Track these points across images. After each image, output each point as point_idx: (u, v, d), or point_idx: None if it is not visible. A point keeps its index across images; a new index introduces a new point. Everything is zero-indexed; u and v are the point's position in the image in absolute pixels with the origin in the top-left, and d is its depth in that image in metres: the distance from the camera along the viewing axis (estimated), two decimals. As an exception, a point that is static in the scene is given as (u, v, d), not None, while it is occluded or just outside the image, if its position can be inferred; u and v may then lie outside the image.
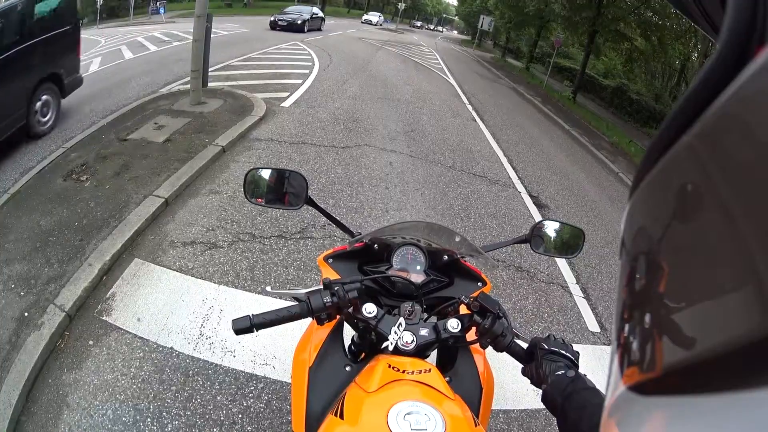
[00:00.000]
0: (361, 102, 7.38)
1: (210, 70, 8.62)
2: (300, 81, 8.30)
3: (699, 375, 0.20)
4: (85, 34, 20.29)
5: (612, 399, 0.29)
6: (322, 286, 0.88)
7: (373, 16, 38.97)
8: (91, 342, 2.35)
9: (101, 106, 6.58)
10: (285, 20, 18.22)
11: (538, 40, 25.78)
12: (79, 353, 2.29)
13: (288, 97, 7.00)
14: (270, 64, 9.92)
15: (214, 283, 2.70)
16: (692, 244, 0.22)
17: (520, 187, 5.35)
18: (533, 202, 5.02)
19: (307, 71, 9.47)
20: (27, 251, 3.06)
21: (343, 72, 9.95)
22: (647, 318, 0.25)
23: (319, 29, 20.65)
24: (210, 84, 6.96)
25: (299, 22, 18.29)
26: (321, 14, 22.01)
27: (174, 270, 2.82)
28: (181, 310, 2.51)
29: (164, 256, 2.95)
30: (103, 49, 15.93)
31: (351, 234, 1.18)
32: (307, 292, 0.88)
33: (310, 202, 1.18)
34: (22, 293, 2.66)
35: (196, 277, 2.74)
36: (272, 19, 18.68)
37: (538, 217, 4.62)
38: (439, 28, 66.49)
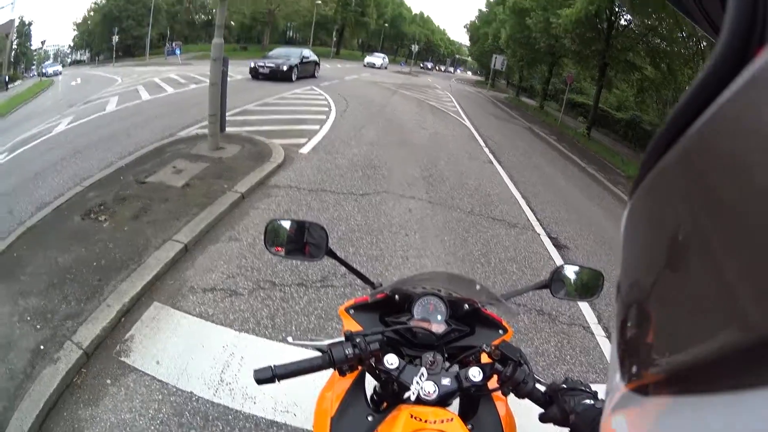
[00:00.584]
0: (379, 148, 7.90)
1: (227, 114, 9.31)
2: (317, 127, 8.92)
3: (699, 375, 0.21)
4: (101, 72, 21.91)
5: (612, 400, 0.31)
6: (343, 338, 0.95)
7: (377, 59, 37.92)
8: (108, 381, 2.56)
9: (119, 147, 7.16)
10: (268, 66, 16.43)
11: (551, 77, 27.59)
12: (96, 391, 2.50)
13: (306, 143, 7.54)
14: (287, 110, 10.68)
15: (235, 330, 2.92)
16: (691, 245, 0.23)
17: (539, 229, 5.62)
18: (553, 244, 5.26)
19: (324, 117, 10.14)
20: (44, 286, 3.34)
21: (359, 117, 10.67)
22: (647, 319, 0.27)
23: (313, 75, 19.18)
24: (228, 129, 7.54)
25: (285, 68, 16.50)
26: (314, 57, 19.95)
27: (194, 315, 3.06)
28: (201, 355, 2.72)
29: (184, 301, 3.19)
30: (120, 88, 17.24)
31: (372, 285, 1.27)
32: (329, 344, 0.94)
33: (331, 254, 1.26)
34: (38, 326, 2.89)
35: (216, 324, 2.97)
36: (252, 65, 16.86)
37: (557, 259, 4.85)
38: (451, 69, 69.21)
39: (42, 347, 2.70)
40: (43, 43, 45.50)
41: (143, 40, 46.53)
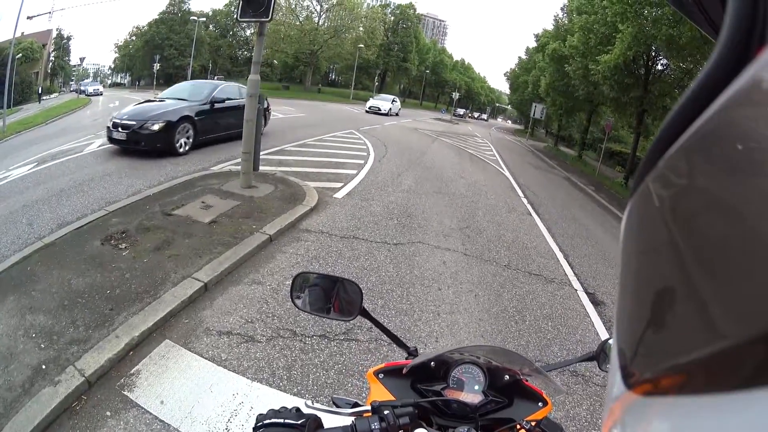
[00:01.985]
0: (416, 196, 8.37)
1: (263, 153, 9.88)
2: (354, 171, 9.47)
3: (699, 375, 0.23)
4: (140, 97, 23.25)
5: (612, 399, 0.33)
6: (369, 407, 0.95)
7: (383, 102, 33.03)
8: (108, 413, 2.72)
9: (150, 175, 7.71)
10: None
11: (589, 125, 29.90)
12: (95, 420, 2.66)
13: (341, 187, 8.00)
14: (325, 152, 11.28)
15: (247, 378, 3.05)
16: (690, 245, 0.25)
17: (576, 285, 5.75)
18: (590, 300, 5.37)
19: (362, 161, 10.76)
20: (53, 306, 3.62)
21: (398, 164, 11.41)
22: (647, 319, 0.29)
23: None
24: (262, 168, 8.02)
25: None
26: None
27: (205, 358, 3.22)
28: (209, 400, 2.86)
29: (197, 343, 3.37)
30: (156, 116, 18.38)
31: (407, 349, 1.29)
32: (352, 413, 0.95)
33: (365, 314, 1.27)
34: (42, 345, 3.12)
35: (229, 370, 3.12)
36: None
37: (594, 316, 4.94)
38: (483, 116, 71.74)
39: (44, 367, 2.92)
40: (82, 60, 49.82)
41: (185, 70, 50.38)
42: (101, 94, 39.60)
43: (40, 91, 38.58)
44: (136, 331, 3.35)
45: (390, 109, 31.96)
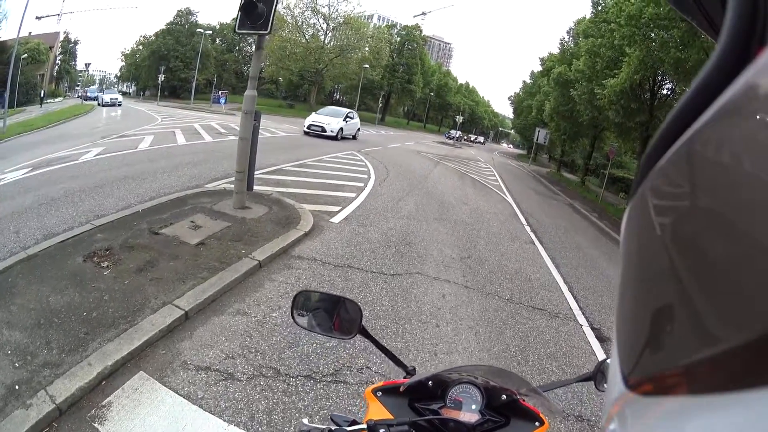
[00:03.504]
0: (416, 222, 8.16)
1: (261, 172, 9.78)
2: (353, 195, 9.28)
3: (699, 375, 0.23)
4: (144, 107, 23.97)
5: (613, 399, 0.34)
6: (365, 426, 0.98)
7: (329, 118, 21.67)
8: (78, 445, 2.51)
9: (142, 190, 7.55)
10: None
11: (593, 151, 29.73)
12: (65, 451, 2.44)
13: (339, 211, 7.79)
14: (324, 173, 11.15)
15: (224, 420, 2.81)
16: (689, 246, 0.26)
17: (581, 319, 5.54)
18: (595, 336, 5.16)
19: (362, 184, 10.60)
20: (30, 323, 3.45)
21: (399, 188, 11.25)
22: (646, 319, 0.29)
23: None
24: (257, 188, 7.89)
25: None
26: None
27: (181, 395, 2.98)
28: (180, 444, 2.62)
29: (173, 377, 3.14)
30: (157, 127, 18.59)
31: (405, 368, 1.30)
32: None
33: (364, 333, 1.29)
34: (16, 364, 2.98)
35: (204, 410, 2.88)
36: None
37: (600, 354, 4.71)
38: (480, 139, 71.93)
39: (17, 387, 2.78)
40: (87, 65, 50.21)
41: (190, 83, 50.85)
42: (119, 105, 34.18)
43: (42, 95, 38.30)
44: (109, 360, 3.14)
45: (341, 129, 21.02)
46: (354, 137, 23.38)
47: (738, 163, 0.23)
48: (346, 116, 22.76)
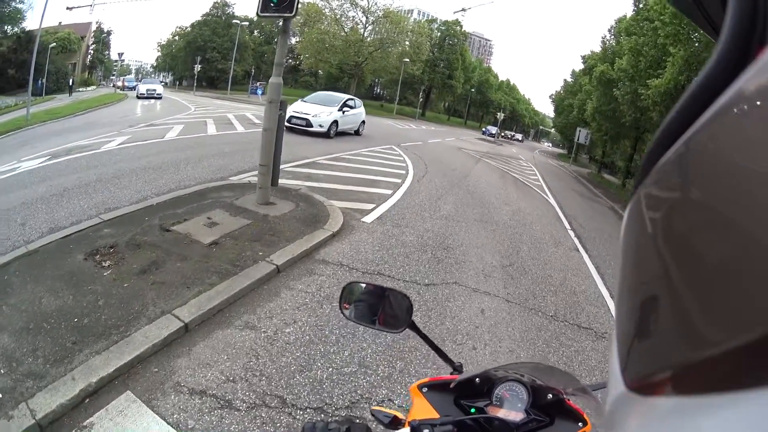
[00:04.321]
0: (455, 224, 7.84)
1: (291, 165, 9.63)
2: (389, 192, 8.99)
3: (699, 375, 0.24)
4: (178, 97, 24.71)
5: (612, 399, 0.35)
6: (408, 429, 0.99)
7: (318, 108, 16.96)
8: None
9: (162, 181, 7.51)
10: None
11: (634, 153, 29.86)
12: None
13: (372, 210, 7.52)
14: (360, 168, 10.91)
15: (212, 461, 2.51)
16: (689, 246, 0.27)
17: None
18: None
19: (400, 181, 10.33)
20: (19, 326, 3.36)
21: (438, 186, 10.95)
22: (646, 319, 0.30)
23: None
24: (286, 181, 7.72)
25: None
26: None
27: (169, 423, 2.71)
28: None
29: (162, 401, 2.87)
30: (189, 117, 18.87)
31: (452, 364, 1.34)
32: None
33: (413, 327, 1.33)
34: (2, 370, 2.91)
35: (193, 444, 2.58)
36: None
37: None
38: (518, 137, 71.82)
39: (0, 396, 2.72)
40: (120, 55, 52.33)
41: (227, 73, 52.92)
42: (160, 98, 30.66)
43: (71, 83, 39.93)
44: (94, 376, 2.95)
45: (334, 123, 16.32)
46: (357, 132, 18.79)
47: (738, 162, 0.24)
48: (344, 104, 17.55)
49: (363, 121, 19.50)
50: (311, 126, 15.52)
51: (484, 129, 61.35)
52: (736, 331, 0.21)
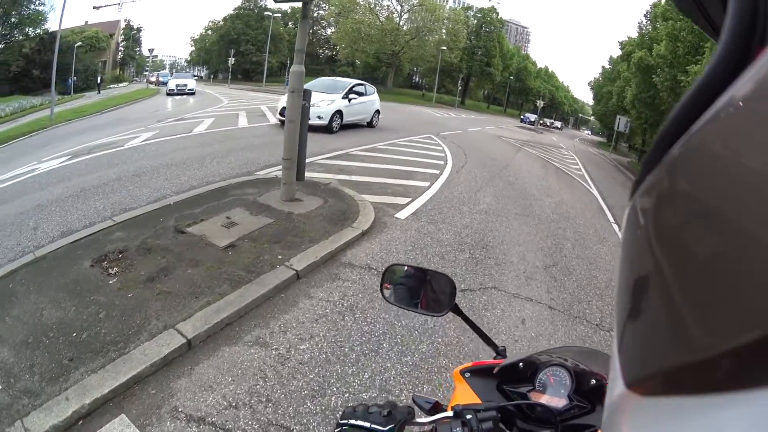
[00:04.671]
0: (495, 218, 7.46)
1: (324, 157, 9.44)
2: (426, 184, 8.63)
3: (699, 375, 0.24)
4: (212, 90, 25.07)
5: (612, 399, 0.36)
6: (451, 413, 0.98)
7: (320, 97, 13.58)
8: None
9: (184, 177, 7.40)
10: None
11: None
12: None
13: (407, 204, 7.20)
14: (396, 159, 10.60)
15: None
16: (689, 245, 0.27)
17: None
18: None
19: (438, 172, 9.96)
20: (19, 339, 3.31)
21: (478, 176, 10.57)
22: (647, 318, 0.31)
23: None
24: (316, 175, 7.52)
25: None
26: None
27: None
28: None
29: (158, 427, 2.64)
30: (221, 110, 18.97)
31: (495, 348, 1.38)
32: (432, 421, 0.99)
33: (456, 310, 1.34)
34: (0, 386, 2.89)
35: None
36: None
37: None
38: (557, 124, 71.31)
39: None
40: (150, 51, 53.92)
41: (262, 65, 54.57)
42: (193, 93, 29.71)
43: (99, 81, 41.13)
44: (88, 397, 2.79)
45: (338, 113, 13.99)
46: (370, 124, 16.47)
47: (738, 163, 0.24)
48: (350, 90, 14.85)
49: (377, 111, 17.14)
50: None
51: (522, 116, 61.60)
52: (734, 332, 0.21)
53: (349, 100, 14.59)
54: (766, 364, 0.20)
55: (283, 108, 12.48)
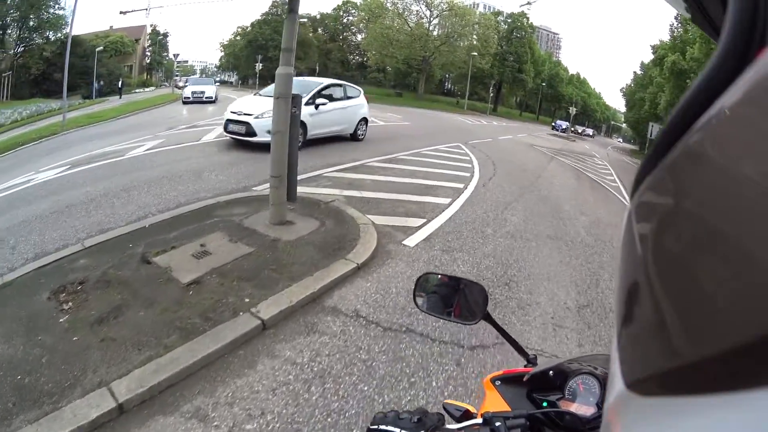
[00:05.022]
0: (523, 244, 6.67)
1: (335, 169, 9.00)
2: (446, 201, 8.03)
3: (699, 375, 0.25)
4: (236, 95, 24.75)
5: (612, 399, 0.37)
6: (480, 420, 1.00)
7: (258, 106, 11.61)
8: None
9: (174, 193, 7.12)
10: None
11: None
12: None
13: (420, 227, 6.52)
14: (417, 171, 10.02)
15: None
16: (690, 245, 0.28)
17: None
18: None
19: (461, 185, 9.34)
20: None
21: (506, 190, 9.90)
22: (647, 318, 0.31)
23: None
24: (320, 191, 7.15)
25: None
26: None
27: None
28: None
29: None
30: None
31: (526, 357, 1.40)
32: (461, 428, 1.00)
33: (488, 318, 1.36)
34: None
35: None
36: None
37: None
38: (588, 131, 70.88)
39: None
40: (175, 56, 55.31)
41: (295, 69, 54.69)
42: (213, 101, 26.91)
43: (121, 85, 41.87)
44: None
45: (302, 127, 10.44)
46: (354, 137, 13.47)
47: (737, 165, 0.25)
48: (318, 94, 11.84)
49: (364, 119, 13.92)
50: (253, 134, 10.61)
51: (554, 123, 61.95)
52: (733, 333, 0.22)
53: (317, 106, 11.39)
54: (763, 364, 0.20)
55: (228, 121, 11.04)
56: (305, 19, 60.34)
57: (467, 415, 1.15)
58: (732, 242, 0.23)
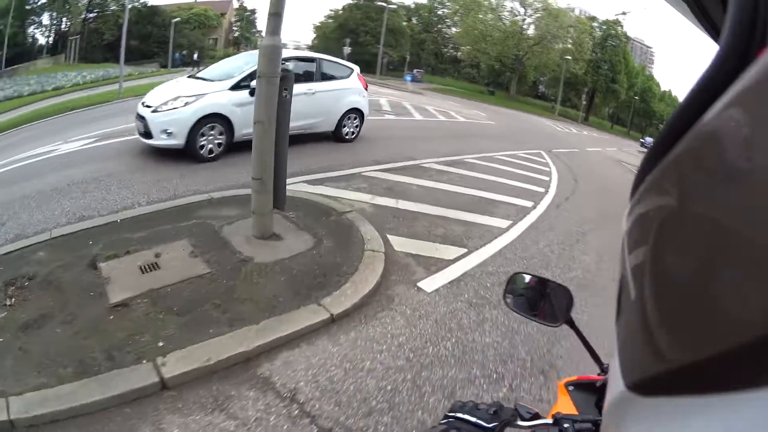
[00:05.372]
0: (592, 299, 4.82)
1: (382, 168, 8.32)
2: (505, 224, 6.77)
3: (699, 375, 0.26)
4: None
5: (612, 399, 0.38)
6: (551, 420, 1.06)
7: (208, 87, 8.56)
8: None
9: (172, 183, 6.79)
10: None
11: None
12: None
13: (455, 260, 5.18)
14: (480, 179, 8.95)
15: None
16: (690, 245, 0.29)
17: None
18: None
19: (530, 204, 8.04)
20: None
21: (583, 216, 8.25)
22: (647, 319, 0.32)
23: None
24: (347, 194, 6.64)
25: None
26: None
27: None
28: None
29: None
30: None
31: (601, 366, 1.40)
32: (532, 426, 1.06)
33: (570, 323, 1.41)
34: None
35: None
36: None
37: None
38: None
39: None
40: (259, 32, 58.62)
41: (382, 58, 56.40)
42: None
43: (195, 57, 43.59)
44: None
45: (210, 125, 8.16)
46: (337, 136, 10.54)
47: (737, 165, 0.25)
48: (248, 75, 8.27)
49: (355, 110, 10.67)
50: (149, 135, 8.00)
51: (642, 139, 60.31)
52: (732, 333, 0.23)
53: (253, 91, 6.46)
54: (762, 364, 0.21)
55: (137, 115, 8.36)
56: (394, 6, 60.71)
57: (536, 417, 1.13)
58: (732, 242, 0.24)
